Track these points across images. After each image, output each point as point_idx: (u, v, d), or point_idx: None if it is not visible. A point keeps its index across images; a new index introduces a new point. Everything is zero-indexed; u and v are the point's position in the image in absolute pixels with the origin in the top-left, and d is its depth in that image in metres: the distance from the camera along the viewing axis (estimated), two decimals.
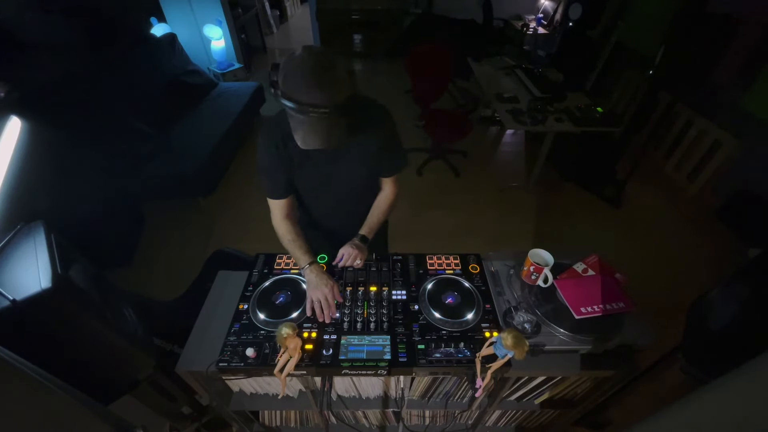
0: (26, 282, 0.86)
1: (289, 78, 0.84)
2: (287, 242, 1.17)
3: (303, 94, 0.83)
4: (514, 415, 1.45)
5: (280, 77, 0.85)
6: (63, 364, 0.87)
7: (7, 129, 1.05)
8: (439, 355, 0.97)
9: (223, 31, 4.38)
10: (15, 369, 0.71)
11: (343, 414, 1.39)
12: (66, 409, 0.78)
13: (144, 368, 1.14)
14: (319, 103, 0.83)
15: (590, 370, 1.03)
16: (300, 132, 0.91)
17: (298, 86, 0.83)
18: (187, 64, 3.74)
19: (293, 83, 0.83)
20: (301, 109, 0.84)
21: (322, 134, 0.90)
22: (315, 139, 0.91)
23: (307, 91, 0.82)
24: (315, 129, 0.88)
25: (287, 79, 0.84)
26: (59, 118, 2.26)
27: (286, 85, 0.84)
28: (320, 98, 0.83)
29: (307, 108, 0.83)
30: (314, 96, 0.82)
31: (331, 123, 0.88)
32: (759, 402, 0.47)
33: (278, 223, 1.19)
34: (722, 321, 1.02)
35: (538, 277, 1.08)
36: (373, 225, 1.24)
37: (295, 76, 0.83)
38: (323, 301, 1.04)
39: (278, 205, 1.17)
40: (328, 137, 0.91)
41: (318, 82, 0.82)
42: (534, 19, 4.96)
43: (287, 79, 0.84)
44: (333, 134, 0.91)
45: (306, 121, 0.87)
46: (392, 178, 1.24)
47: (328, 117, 0.86)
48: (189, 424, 1.48)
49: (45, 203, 1.72)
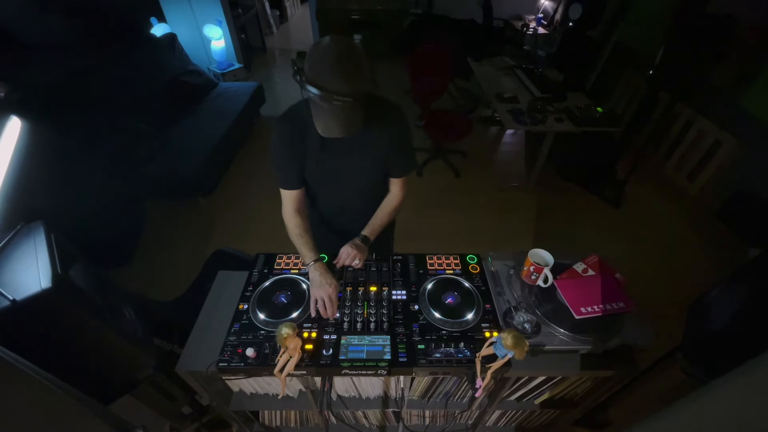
0: (26, 282, 0.86)
1: (316, 66, 0.86)
2: (295, 236, 1.17)
3: (329, 82, 0.85)
4: (514, 415, 1.45)
5: (307, 64, 0.88)
6: (63, 364, 0.87)
7: (7, 129, 1.05)
8: (439, 355, 0.97)
9: (223, 31, 4.38)
10: (15, 369, 0.71)
11: (343, 414, 1.39)
12: (66, 409, 0.78)
13: (144, 368, 1.14)
14: (344, 92, 0.86)
15: (590, 370, 1.03)
16: (322, 119, 0.93)
17: (325, 74, 0.85)
18: (187, 64, 3.74)
19: (320, 71, 0.86)
20: (326, 97, 0.86)
21: (343, 122, 0.93)
22: (336, 127, 0.93)
23: (334, 79, 0.85)
24: (338, 116, 0.91)
25: (314, 67, 0.86)
26: (59, 118, 2.26)
27: (312, 72, 0.87)
28: (345, 87, 0.86)
29: (332, 95, 0.86)
30: (340, 84, 0.85)
31: (353, 112, 0.91)
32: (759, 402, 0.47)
33: (288, 216, 1.20)
34: (722, 321, 1.03)
35: (538, 277, 1.08)
36: (376, 226, 1.24)
37: (323, 64, 0.85)
38: (326, 300, 1.04)
39: (290, 196, 1.19)
40: (348, 125, 0.94)
41: (344, 71, 0.85)
42: (534, 19, 4.96)
43: (314, 66, 0.86)
44: (353, 123, 0.94)
45: (329, 109, 0.90)
46: (401, 180, 1.25)
47: (351, 106, 0.89)
48: (189, 424, 1.48)
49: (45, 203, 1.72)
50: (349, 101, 0.87)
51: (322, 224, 1.37)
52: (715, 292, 1.09)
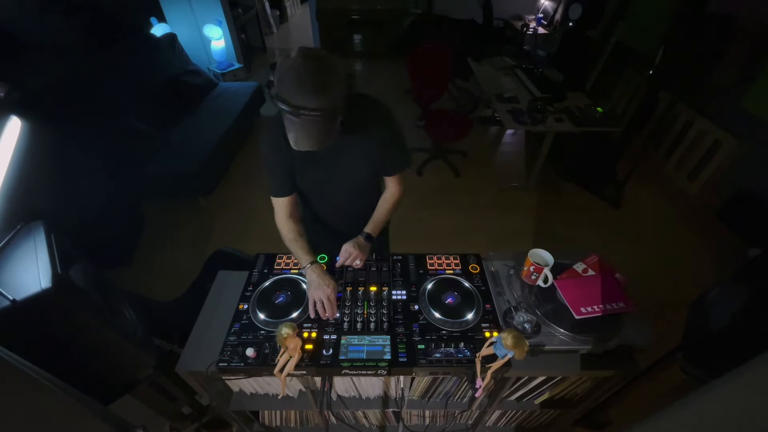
0: (26, 282, 0.86)
1: (284, 79, 0.83)
2: (289, 241, 1.17)
3: (296, 97, 0.82)
4: (514, 415, 1.45)
5: (276, 77, 0.85)
6: (63, 364, 0.87)
7: (7, 129, 1.05)
8: (439, 355, 0.97)
9: (223, 31, 4.38)
10: (15, 369, 0.71)
11: (343, 414, 1.39)
12: (66, 409, 0.78)
13: (144, 368, 1.14)
14: (312, 107, 0.82)
15: (590, 370, 1.03)
16: (292, 133, 0.90)
17: (292, 88, 0.82)
18: (187, 64, 3.74)
19: (287, 85, 0.82)
20: (293, 112, 0.83)
21: (313, 136, 0.89)
22: (307, 141, 0.90)
23: (300, 94, 0.82)
24: (307, 131, 0.88)
25: (281, 81, 0.83)
26: (59, 118, 2.26)
27: (280, 86, 0.83)
28: (313, 102, 0.82)
29: (299, 111, 0.82)
30: (307, 99, 0.82)
31: (323, 126, 0.87)
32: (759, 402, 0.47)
33: (281, 222, 1.19)
34: (722, 321, 1.02)
35: (538, 277, 1.08)
36: (378, 223, 1.24)
37: (289, 78, 0.82)
38: (325, 301, 1.04)
39: (281, 203, 1.18)
40: (319, 139, 0.90)
41: (311, 86, 0.81)
42: (534, 19, 4.96)
43: (281, 80, 0.83)
44: (325, 137, 0.91)
45: (298, 123, 0.86)
46: (396, 177, 1.24)
47: (320, 120, 0.85)
48: (189, 424, 1.48)
49: (45, 203, 1.72)
50: (317, 115, 0.83)
51: (317, 225, 1.36)
52: (715, 292, 1.09)
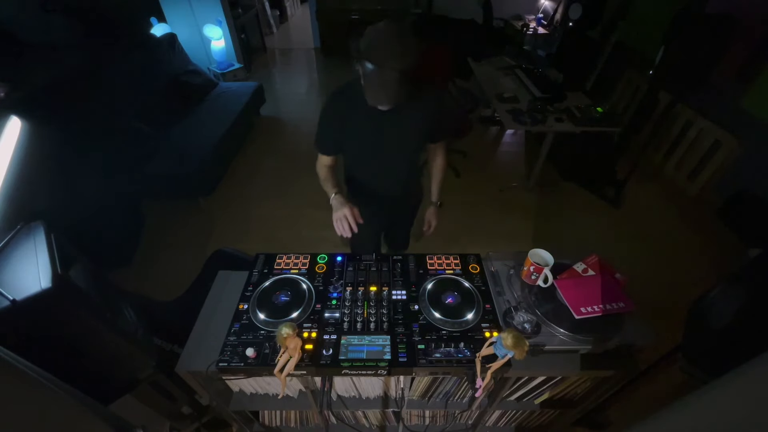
0: (26, 282, 0.86)
1: (375, 43, 1.02)
2: (323, 180, 1.39)
3: (388, 56, 1.00)
4: (514, 415, 1.45)
5: (364, 44, 1.03)
6: (63, 364, 0.87)
7: (7, 129, 1.05)
8: (439, 355, 0.97)
9: (223, 31, 4.39)
10: (15, 369, 0.71)
11: (343, 414, 1.39)
12: (66, 409, 0.78)
13: (144, 368, 1.14)
14: (393, 64, 1.01)
15: (590, 370, 1.03)
16: (371, 88, 1.10)
17: (385, 49, 1.01)
18: (187, 64, 3.74)
19: (375, 44, 1.02)
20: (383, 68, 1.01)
21: (390, 91, 1.08)
22: (384, 95, 1.10)
23: (385, 52, 1.01)
24: (385, 85, 1.06)
25: (373, 44, 1.02)
26: (59, 118, 2.26)
27: (370, 47, 1.02)
28: (394, 59, 1.01)
29: (389, 68, 1.01)
30: (390, 57, 1.00)
31: (400, 84, 1.05)
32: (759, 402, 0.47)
33: (320, 168, 1.40)
34: (722, 321, 1.02)
35: (538, 277, 1.08)
36: (440, 190, 1.58)
37: (378, 39, 1.02)
38: (342, 219, 1.23)
39: (325, 158, 1.39)
40: (394, 95, 1.09)
41: (394, 46, 1.01)
42: (534, 19, 4.96)
43: (373, 44, 1.02)
44: (399, 94, 1.09)
45: (379, 77, 1.04)
46: (442, 144, 1.45)
47: (397, 77, 1.03)
48: (189, 424, 1.48)
49: (45, 203, 1.72)
50: (396, 72, 1.01)
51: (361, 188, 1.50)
52: (715, 292, 1.09)
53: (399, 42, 1.01)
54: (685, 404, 0.52)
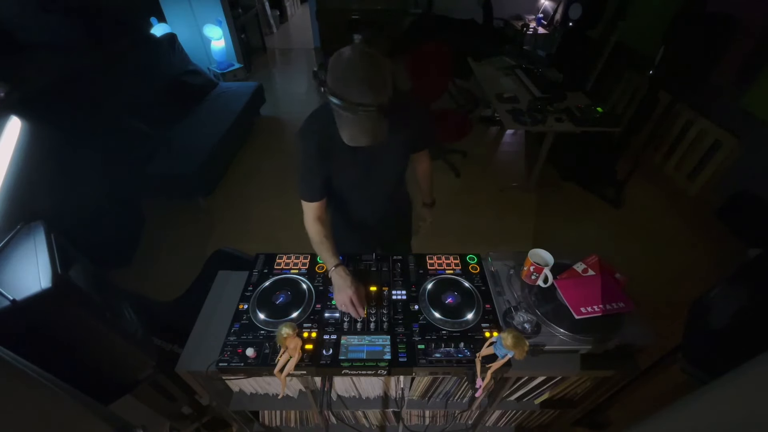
0: (26, 282, 0.86)
1: (340, 78, 0.87)
2: (316, 243, 1.18)
3: (354, 94, 0.86)
4: (514, 415, 1.45)
5: (329, 77, 0.89)
6: (63, 365, 0.87)
7: (7, 129, 1.05)
8: (439, 355, 0.97)
9: (223, 31, 4.38)
10: (15, 369, 0.71)
11: (343, 414, 1.39)
12: (66, 409, 0.78)
13: (144, 368, 1.14)
14: (369, 102, 0.86)
15: (590, 370, 1.03)
16: (348, 130, 0.94)
17: (349, 86, 0.86)
18: (187, 64, 3.74)
19: (344, 83, 0.87)
20: (351, 108, 0.87)
21: (370, 131, 0.93)
22: (363, 137, 0.94)
23: (358, 90, 0.86)
24: (364, 127, 0.92)
25: (338, 79, 0.87)
26: (59, 118, 2.25)
27: (336, 85, 0.87)
28: (370, 97, 0.86)
29: (358, 107, 0.86)
30: (365, 95, 0.86)
31: (378, 121, 0.91)
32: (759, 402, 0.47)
33: (310, 224, 1.20)
34: (722, 321, 1.02)
35: (538, 277, 1.08)
36: (430, 191, 1.51)
37: (347, 76, 0.86)
38: (348, 305, 1.05)
39: (312, 207, 1.19)
40: (375, 134, 0.94)
41: (368, 83, 0.86)
42: (534, 19, 4.96)
43: (338, 78, 0.87)
44: (380, 131, 0.95)
45: (355, 120, 0.90)
46: (425, 151, 1.35)
47: (376, 115, 0.89)
48: (189, 424, 1.48)
49: (45, 203, 1.72)
50: (374, 110, 0.87)
51: (348, 221, 1.41)
52: (715, 292, 1.09)
53: (373, 74, 0.86)
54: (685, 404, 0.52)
